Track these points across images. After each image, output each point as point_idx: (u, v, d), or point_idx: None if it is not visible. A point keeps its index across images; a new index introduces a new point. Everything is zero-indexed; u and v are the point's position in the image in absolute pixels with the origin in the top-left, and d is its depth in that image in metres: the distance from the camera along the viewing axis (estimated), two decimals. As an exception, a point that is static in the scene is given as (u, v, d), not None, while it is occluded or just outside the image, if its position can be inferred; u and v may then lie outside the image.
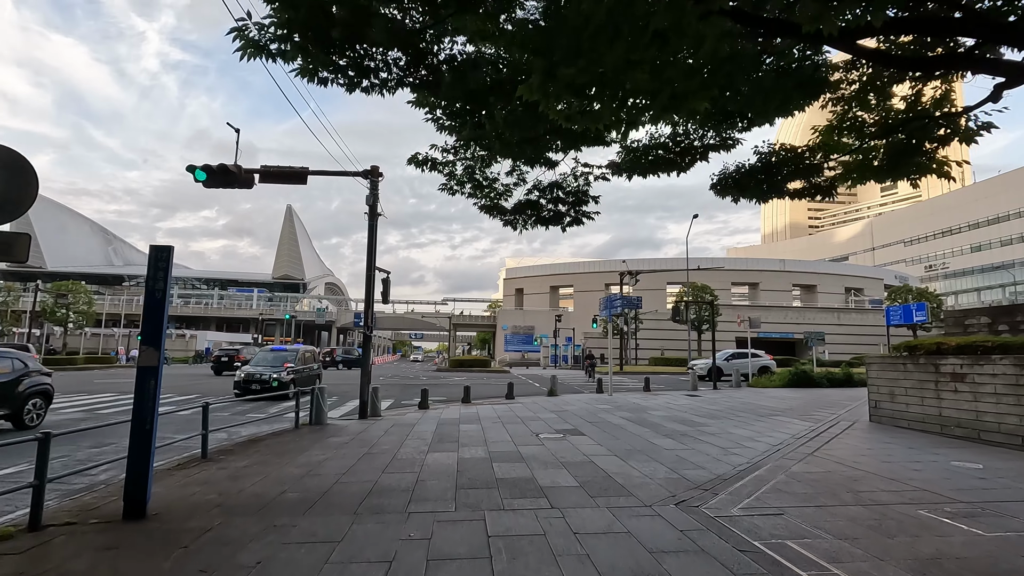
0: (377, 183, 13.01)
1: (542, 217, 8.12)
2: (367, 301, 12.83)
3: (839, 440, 8.84)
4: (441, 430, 10.27)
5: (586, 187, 8.17)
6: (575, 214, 8.24)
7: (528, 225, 8.22)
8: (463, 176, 7.77)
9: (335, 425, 10.99)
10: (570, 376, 34.72)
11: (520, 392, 19.39)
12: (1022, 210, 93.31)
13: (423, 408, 14.37)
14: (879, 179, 5.94)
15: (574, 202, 8.21)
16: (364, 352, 12.79)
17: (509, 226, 8.30)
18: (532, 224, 8.19)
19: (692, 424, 10.97)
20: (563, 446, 8.51)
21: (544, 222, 8.21)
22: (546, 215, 8.10)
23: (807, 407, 14.01)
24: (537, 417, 12.28)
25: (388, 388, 22.60)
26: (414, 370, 46.46)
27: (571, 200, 8.20)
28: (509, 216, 8.23)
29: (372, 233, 12.91)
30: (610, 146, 7.00)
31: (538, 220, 8.18)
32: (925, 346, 9.78)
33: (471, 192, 8.03)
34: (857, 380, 21.43)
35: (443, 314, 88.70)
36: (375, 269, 13.00)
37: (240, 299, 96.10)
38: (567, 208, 8.19)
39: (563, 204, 8.19)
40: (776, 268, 78.72)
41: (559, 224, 8.19)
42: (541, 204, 8.21)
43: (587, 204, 8.27)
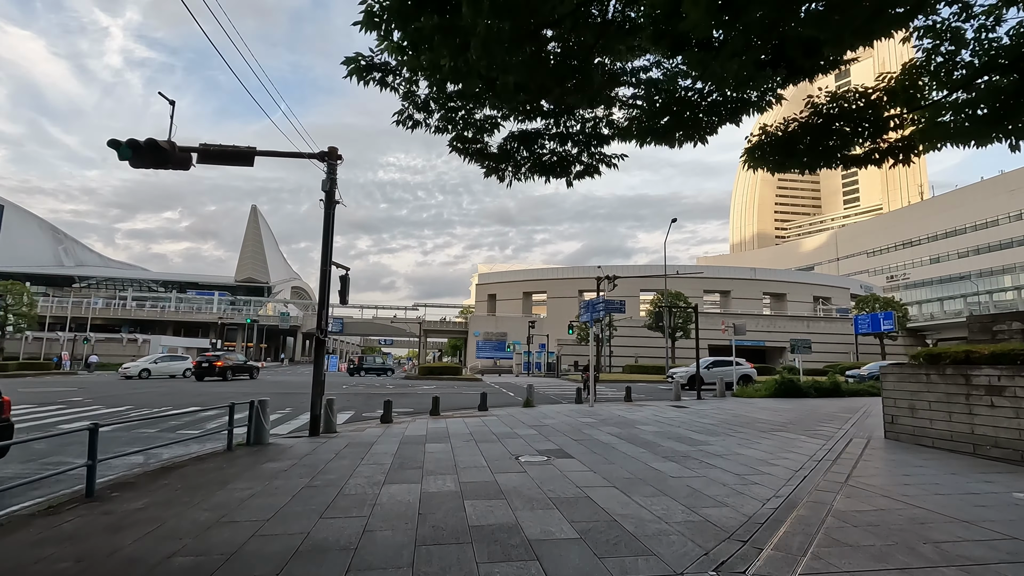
0: (335, 167, 11.43)
1: (541, 162, 6.23)
2: (321, 301, 11.20)
3: (865, 463, 7.65)
4: (404, 451, 8.73)
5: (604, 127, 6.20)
6: (589, 158, 6.34)
7: (521, 175, 6.38)
8: (429, 97, 5.54)
9: (277, 445, 9.31)
10: (544, 384, 33.36)
11: (494, 402, 17.92)
12: (977, 223, 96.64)
13: (386, 422, 12.76)
14: (979, 138, 4.70)
15: (589, 138, 6.28)
16: (317, 359, 11.14)
17: (494, 176, 6.45)
18: (526, 173, 6.33)
19: (691, 442, 9.68)
20: (549, 473, 7.08)
21: (544, 170, 6.29)
22: (547, 158, 6.24)
23: (807, 420, 12.93)
24: (515, 433, 10.82)
25: (350, 398, 20.82)
26: (381, 378, 44.44)
27: (585, 135, 6.19)
28: (492, 162, 6.32)
29: (328, 223, 11.31)
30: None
31: (536, 167, 6.28)
32: (951, 354, 8.72)
33: (439, 125, 5.99)
34: (845, 390, 20.67)
35: (413, 320, 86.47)
36: (331, 265, 11.39)
37: (200, 303, 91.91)
38: (579, 148, 6.26)
39: (572, 141, 6.25)
40: (747, 276, 79.29)
41: (565, 174, 6.34)
42: (542, 139, 6.34)
43: (607, 144, 6.25)
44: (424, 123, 5.85)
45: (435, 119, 5.84)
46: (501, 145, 6.42)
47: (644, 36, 4.40)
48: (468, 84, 4.59)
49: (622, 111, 5.79)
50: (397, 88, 5.17)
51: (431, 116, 5.81)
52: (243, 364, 35.36)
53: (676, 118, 5.14)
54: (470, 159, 6.16)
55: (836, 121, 5.22)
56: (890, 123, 5.22)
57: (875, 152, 5.45)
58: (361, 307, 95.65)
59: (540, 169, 6.37)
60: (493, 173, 6.34)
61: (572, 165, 6.38)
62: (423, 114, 5.78)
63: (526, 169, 6.40)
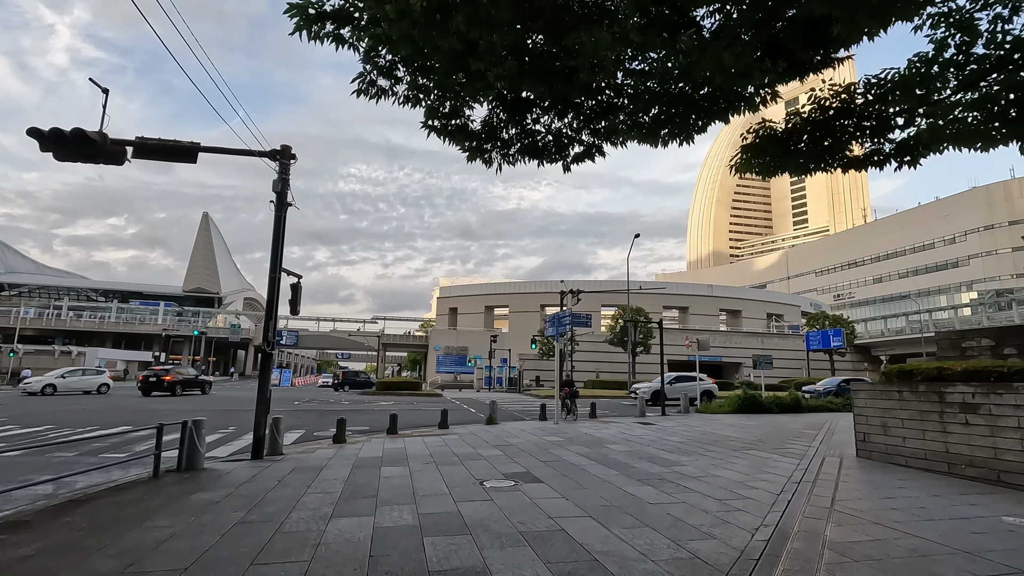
0: (288, 166, 10.62)
1: (534, 143, 5.32)
2: (269, 310, 10.29)
3: (845, 485, 7.34)
4: (357, 476, 7.92)
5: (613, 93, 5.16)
6: (592, 136, 5.42)
7: (510, 157, 5.46)
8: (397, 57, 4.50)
9: (213, 471, 8.33)
10: (507, 400, 32.68)
11: (455, 419, 17.14)
12: (915, 246, 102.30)
13: (339, 442, 11.86)
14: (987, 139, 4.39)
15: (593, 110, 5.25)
16: (262, 375, 10.19)
17: (479, 159, 5.48)
18: (516, 155, 5.41)
19: (664, 463, 9.23)
20: (518, 501, 6.44)
21: (538, 151, 5.37)
22: (541, 137, 5.35)
23: (775, 438, 12.73)
24: (478, 454, 10.13)
25: (301, 416, 19.61)
26: (336, 393, 42.76)
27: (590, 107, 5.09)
28: (475, 142, 5.30)
29: (279, 226, 10.45)
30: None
31: (528, 148, 5.35)
32: (923, 371, 8.61)
33: (408, 93, 4.99)
34: (805, 406, 20.85)
35: (372, 333, 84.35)
36: (281, 271, 10.51)
37: (144, 313, 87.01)
38: (580, 120, 5.27)
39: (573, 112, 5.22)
40: (705, 293, 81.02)
41: (562, 156, 5.44)
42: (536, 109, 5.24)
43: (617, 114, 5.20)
44: (391, 91, 4.95)
45: (402, 85, 4.93)
46: (486, 119, 5.44)
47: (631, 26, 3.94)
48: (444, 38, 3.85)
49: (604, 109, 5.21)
50: (357, 45, 4.44)
51: (399, 83, 4.91)
52: (194, 379, 33.39)
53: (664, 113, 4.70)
54: (448, 139, 5.32)
55: (839, 118, 4.91)
56: (894, 121, 4.94)
57: (877, 153, 5.17)
58: (318, 319, 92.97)
59: (533, 151, 5.50)
60: (477, 156, 5.48)
61: (571, 145, 5.54)
62: (389, 80, 4.88)
63: (516, 150, 5.53)
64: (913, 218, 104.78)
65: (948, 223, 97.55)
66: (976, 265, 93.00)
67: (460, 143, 5.22)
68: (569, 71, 4.33)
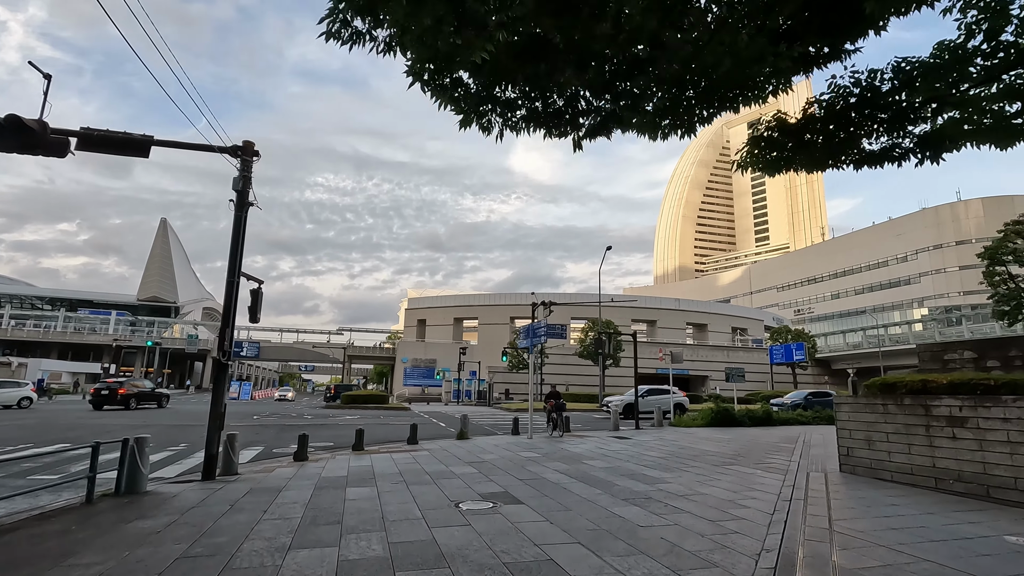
0: (250, 164, 9.94)
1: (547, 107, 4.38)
2: (226, 318, 9.52)
3: (838, 503, 7.06)
4: (319, 499, 7.24)
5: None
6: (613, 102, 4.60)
7: (512, 123, 4.63)
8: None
9: (157, 495, 7.51)
10: (477, 413, 31.95)
11: (425, 434, 16.43)
12: (870, 263, 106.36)
13: (300, 460, 11.07)
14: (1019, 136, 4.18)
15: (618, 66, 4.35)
16: (216, 387, 9.37)
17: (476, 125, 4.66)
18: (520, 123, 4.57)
19: (648, 480, 8.82)
20: (498, 526, 5.91)
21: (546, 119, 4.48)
22: (553, 102, 4.47)
23: (754, 452, 12.51)
24: (451, 472, 9.53)
25: (261, 431, 18.54)
26: (299, 407, 41.23)
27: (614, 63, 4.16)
28: (471, 103, 4.48)
29: (239, 227, 9.73)
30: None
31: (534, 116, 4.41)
32: (908, 384, 8.48)
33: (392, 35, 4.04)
34: (776, 419, 20.89)
35: (337, 344, 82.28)
36: (240, 276, 9.77)
37: (94, 322, 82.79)
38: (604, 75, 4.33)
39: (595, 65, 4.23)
40: (672, 307, 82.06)
41: (575, 127, 4.65)
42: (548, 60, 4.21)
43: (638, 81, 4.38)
44: (368, 35, 4.15)
45: (383, 28, 4.08)
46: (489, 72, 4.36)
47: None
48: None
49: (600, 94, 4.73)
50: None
51: (377, 24, 4.06)
52: (150, 391, 31.52)
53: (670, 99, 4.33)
54: (439, 98, 4.56)
55: (860, 108, 4.63)
56: (918, 113, 4.69)
57: (896, 148, 4.93)
58: (280, 330, 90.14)
59: (540, 118, 4.70)
60: (473, 121, 4.70)
61: (585, 114, 4.79)
62: (367, 20, 4.03)
63: (521, 117, 4.74)
64: (868, 237, 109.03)
65: (900, 242, 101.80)
66: (927, 282, 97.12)
67: (453, 104, 4.58)
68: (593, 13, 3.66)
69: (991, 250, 28.35)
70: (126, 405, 28.60)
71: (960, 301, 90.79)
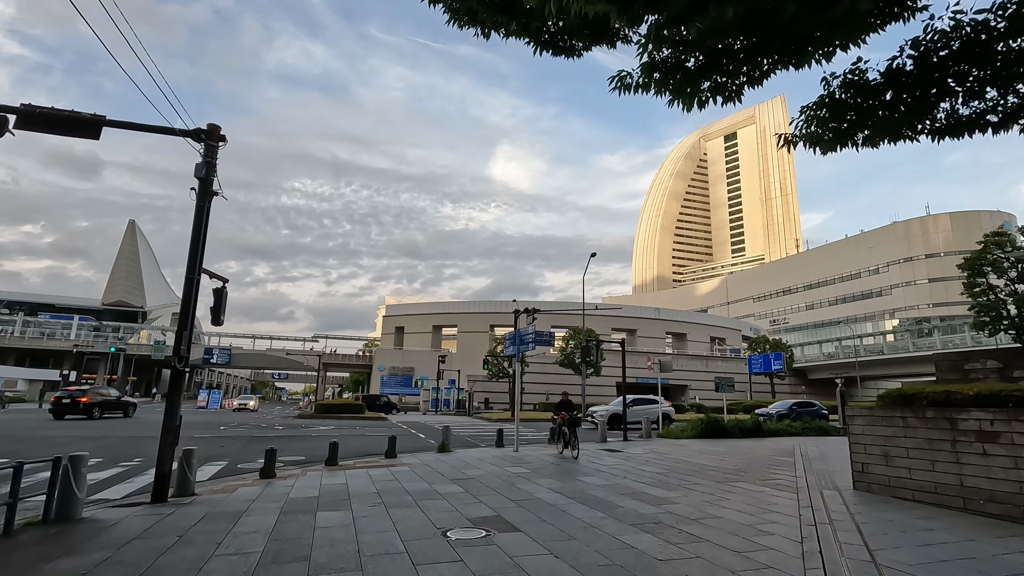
0: (215, 149, 8.98)
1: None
2: (183, 319, 8.50)
3: (868, 528, 6.39)
4: (285, 527, 6.29)
5: None
6: None
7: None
8: None
9: (93, 523, 6.46)
10: (457, 423, 30.95)
11: (404, 446, 15.44)
12: (843, 275, 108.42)
13: (267, 477, 10.04)
14: None
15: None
16: (171, 396, 8.32)
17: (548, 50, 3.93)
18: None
19: (652, 500, 8.05)
20: (496, 561, 5.06)
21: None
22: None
23: (754, 467, 11.87)
24: (435, 492, 8.64)
25: (226, 443, 17.31)
26: (270, 417, 39.61)
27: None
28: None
29: (201, 219, 8.75)
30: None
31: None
32: (929, 396, 7.91)
33: None
34: (766, 430, 20.41)
35: (312, 352, 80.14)
36: (201, 273, 8.78)
37: (55, 327, 79.16)
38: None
39: None
40: (652, 316, 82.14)
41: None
42: None
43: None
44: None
45: None
46: None
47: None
48: None
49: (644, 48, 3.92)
50: None
51: None
52: (116, 400, 29.72)
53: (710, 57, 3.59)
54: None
55: (958, 59, 3.92)
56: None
57: (993, 111, 4.22)
58: (253, 337, 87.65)
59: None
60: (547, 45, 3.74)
61: None
62: None
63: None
64: (841, 249, 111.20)
65: (872, 255, 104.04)
66: (898, 294, 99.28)
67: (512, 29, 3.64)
68: None
69: (971, 261, 28.60)
70: (89, 415, 26.90)
71: (929, 313, 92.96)
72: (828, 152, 4.49)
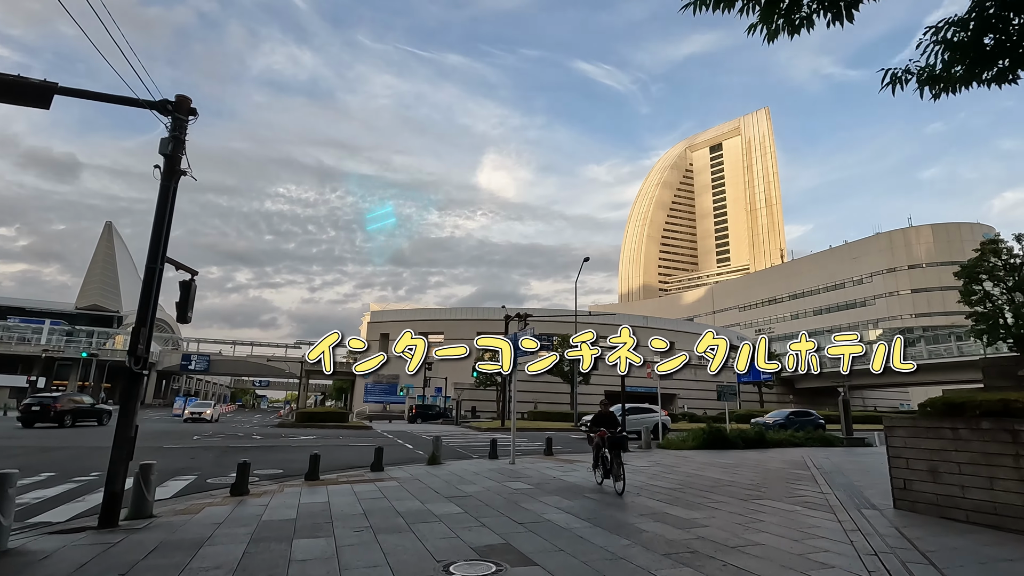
0: (184, 124, 7.95)
1: None
2: (143, 314, 7.42)
3: (939, 557, 5.52)
4: (254, 559, 5.25)
5: None
6: None
7: None
8: None
9: (22, 555, 5.35)
10: (444, 433, 29.71)
11: (391, 458, 14.36)
12: (827, 285, 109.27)
13: (239, 494, 8.95)
14: None
15: None
16: (124, 404, 7.21)
17: None
18: None
19: (677, 522, 7.13)
20: (513, 608, 4.08)
21: None
22: None
23: (773, 481, 11.02)
24: (429, 512, 7.62)
25: (198, 454, 16.04)
26: (247, 425, 38.04)
27: None
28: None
29: (166, 201, 7.70)
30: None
31: None
32: (983, 404, 7.12)
33: None
34: (770, 440, 19.64)
35: (294, 358, 78.25)
36: (165, 262, 7.72)
37: (25, 332, 76.17)
38: None
39: None
40: (641, 324, 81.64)
41: None
42: None
43: None
44: None
45: None
46: None
47: None
48: None
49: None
50: None
51: None
52: (89, 407, 28.27)
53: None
54: None
55: None
56: None
57: None
58: (234, 343, 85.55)
59: None
60: None
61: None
62: None
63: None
64: (825, 259, 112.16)
65: (856, 265, 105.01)
66: (881, 304, 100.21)
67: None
68: None
69: (967, 269, 28.34)
70: (60, 423, 25.37)
71: (912, 323, 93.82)
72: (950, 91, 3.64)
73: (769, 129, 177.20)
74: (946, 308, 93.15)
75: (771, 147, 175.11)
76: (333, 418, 37.61)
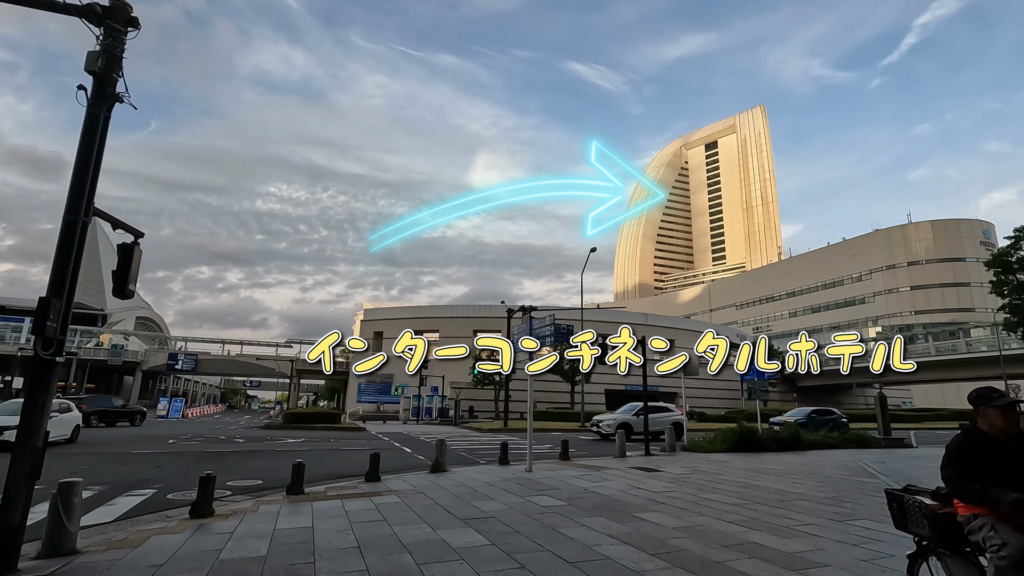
0: (122, 35, 6.06)
1: None
2: (58, 282, 5.53)
3: None
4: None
5: None
6: None
7: None
8: None
9: None
10: (443, 434, 27.88)
11: (388, 464, 12.52)
12: (825, 282, 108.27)
13: (200, 516, 7.08)
14: None
15: None
16: (29, 402, 5.32)
17: None
18: None
19: (778, 559, 5.33)
20: None
21: None
22: None
23: (845, 492, 9.27)
24: (444, 544, 5.78)
25: (167, 461, 14.07)
26: (232, 427, 35.93)
27: None
28: None
29: (94, 132, 5.81)
30: None
31: None
32: None
33: None
34: (805, 441, 17.95)
35: (285, 358, 76.02)
36: (91, 213, 5.84)
37: (3, 331, 73.44)
38: None
39: None
40: (640, 322, 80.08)
41: None
42: None
43: None
44: None
45: None
46: None
47: None
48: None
49: None
50: None
51: None
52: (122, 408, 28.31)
53: None
54: None
55: None
56: None
57: None
58: (223, 342, 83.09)
59: None
60: None
61: None
62: None
63: None
64: (823, 257, 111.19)
65: (854, 262, 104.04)
66: (880, 302, 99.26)
67: None
68: None
69: (999, 258, 26.80)
70: None
71: (912, 320, 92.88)
72: None
73: (765, 127, 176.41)
74: (946, 305, 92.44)
75: (767, 145, 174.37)
76: (324, 419, 35.58)
